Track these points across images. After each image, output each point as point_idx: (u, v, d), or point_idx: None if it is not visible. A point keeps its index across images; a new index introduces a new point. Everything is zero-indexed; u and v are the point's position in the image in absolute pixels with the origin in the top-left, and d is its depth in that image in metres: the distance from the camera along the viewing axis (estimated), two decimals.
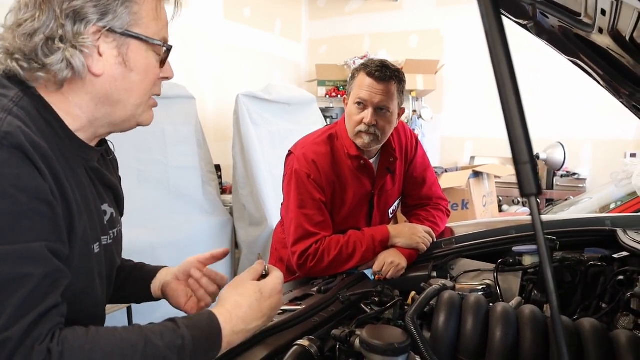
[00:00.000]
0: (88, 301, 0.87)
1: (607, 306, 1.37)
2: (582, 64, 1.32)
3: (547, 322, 1.10)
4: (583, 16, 0.96)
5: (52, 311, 0.70)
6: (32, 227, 0.70)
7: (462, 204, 3.69)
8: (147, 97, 0.91)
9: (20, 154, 0.70)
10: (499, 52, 0.48)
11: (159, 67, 0.91)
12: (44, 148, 0.73)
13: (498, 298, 1.54)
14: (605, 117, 4.87)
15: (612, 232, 1.66)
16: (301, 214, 1.69)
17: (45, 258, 0.71)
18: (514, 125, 0.47)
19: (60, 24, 0.78)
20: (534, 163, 0.47)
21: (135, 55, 0.86)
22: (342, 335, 1.08)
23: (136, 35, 0.84)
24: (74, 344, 0.70)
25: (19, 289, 0.67)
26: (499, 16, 0.49)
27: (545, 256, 0.44)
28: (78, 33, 0.79)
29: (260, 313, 0.91)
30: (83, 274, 0.83)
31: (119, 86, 0.86)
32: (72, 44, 0.79)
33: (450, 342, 1.09)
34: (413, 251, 1.74)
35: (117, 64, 0.84)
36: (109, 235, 0.94)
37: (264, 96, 3.88)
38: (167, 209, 3.28)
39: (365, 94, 1.68)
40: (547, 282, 0.44)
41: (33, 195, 0.70)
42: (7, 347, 0.64)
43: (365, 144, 1.72)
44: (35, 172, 0.71)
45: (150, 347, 0.74)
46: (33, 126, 0.75)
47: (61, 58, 0.78)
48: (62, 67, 0.79)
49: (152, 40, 0.87)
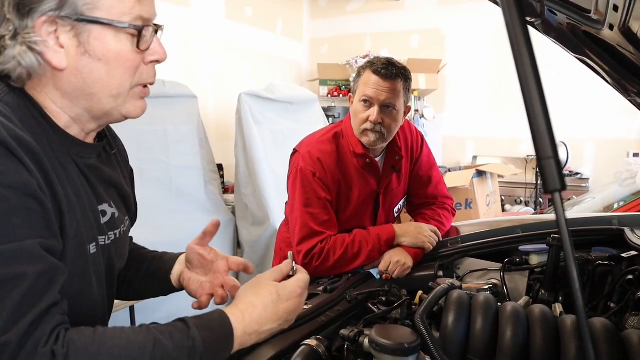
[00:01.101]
0: (86, 303, 0.83)
1: (615, 306, 1.35)
2: (590, 62, 1.30)
3: (557, 322, 1.09)
4: (593, 13, 0.95)
5: (51, 310, 0.68)
6: (23, 224, 0.67)
7: (465, 203, 3.68)
8: (126, 87, 0.82)
9: (4, 149, 0.67)
10: (521, 44, 0.47)
11: (139, 51, 0.81)
12: (30, 143, 0.70)
13: (505, 297, 1.53)
14: (608, 116, 4.86)
15: (619, 231, 1.65)
16: (306, 213, 1.68)
17: (39, 256, 0.68)
18: (536, 120, 0.45)
19: (6, 19, 0.73)
20: (557, 158, 0.46)
21: (99, 43, 0.77)
22: (351, 335, 1.07)
23: (94, 20, 0.75)
24: (79, 345, 0.67)
25: (14, 290, 0.64)
26: (520, 6, 0.48)
27: (571, 254, 0.43)
28: (25, 28, 0.73)
29: (275, 316, 0.86)
30: (78, 275, 0.79)
31: (87, 78, 0.78)
32: (19, 41, 0.73)
33: (460, 342, 1.08)
34: (419, 250, 1.73)
35: (80, 54, 0.76)
36: (107, 236, 0.89)
37: (266, 95, 3.87)
38: (169, 209, 3.26)
39: (371, 92, 1.67)
40: (572, 280, 0.43)
41: (21, 191, 0.67)
42: (7, 351, 0.62)
43: (371, 142, 1.71)
44: (21, 167, 0.68)
45: (159, 349, 0.71)
46: (18, 122, 0.72)
47: (11, 56, 0.73)
48: (15, 66, 0.74)
49: (116, 22, 0.77)
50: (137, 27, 0.79)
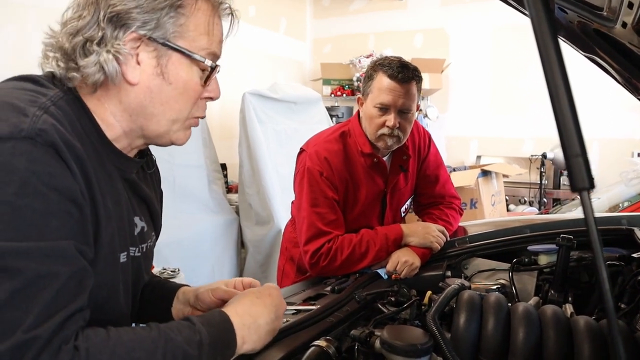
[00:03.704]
0: (111, 312, 0.85)
1: (626, 307, 1.34)
2: (599, 60, 1.29)
3: (569, 323, 1.08)
4: (605, 10, 0.94)
5: (77, 315, 0.70)
6: (60, 226, 0.68)
7: (470, 203, 3.67)
8: (184, 114, 0.87)
9: (53, 152, 0.69)
10: (548, 39, 0.46)
11: (202, 85, 0.87)
12: (78, 148, 0.72)
13: (513, 298, 1.52)
14: (613, 116, 4.84)
15: (629, 231, 1.64)
16: (313, 213, 1.67)
17: (73, 256, 0.70)
18: (564, 117, 0.44)
19: (101, 27, 0.77)
20: (586, 156, 0.44)
21: (175, 69, 0.82)
22: (362, 335, 1.06)
23: (178, 48, 0.81)
24: (96, 340, 0.69)
25: (46, 287, 0.66)
26: (546, 1, 0.47)
27: (600, 255, 0.42)
28: (115, 38, 0.77)
29: (265, 308, 0.91)
30: (107, 283, 0.82)
31: (155, 98, 0.83)
32: (107, 48, 0.77)
33: (472, 343, 1.07)
34: (427, 250, 1.72)
35: (155, 74, 0.81)
36: (137, 248, 0.92)
37: (270, 94, 3.86)
38: (173, 208, 3.25)
39: (388, 99, 1.64)
40: (602, 282, 0.41)
41: (64, 194, 0.69)
42: (35, 346, 0.63)
43: (388, 146, 1.71)
44: (67, 171, 0.70)
45: (170, 343, 0.75)
46: (69, 126, 0.74)
47: (95, 61, 0.77)
48: (95, 71, 0.77)
49: (194, 54, 0.83)
50: (212, 65, 0.86)
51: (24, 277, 0.64)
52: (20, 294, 0.64)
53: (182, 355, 0.75)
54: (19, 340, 0.62)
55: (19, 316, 0.63)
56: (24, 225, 0.65)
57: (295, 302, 1.41)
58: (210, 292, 1.03)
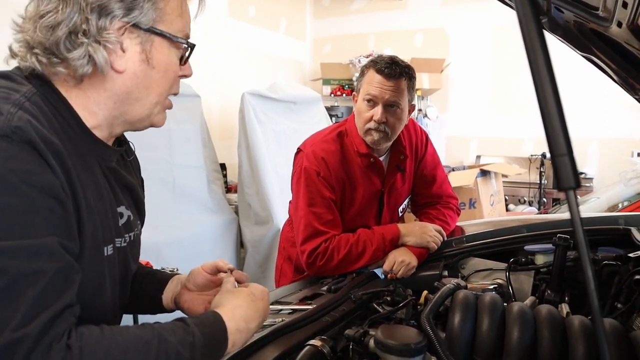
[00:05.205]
0: (97, 307, 0.85)
1: (622, 306, 1.34)
2: (596, 60, 1.29)
3: (564, 323, 1.08)
4: (600, 10, 0.94)
5: (66, 311, 0.69)
6: (43, 223, 0.68)
7: (469, 202, 3.67)
8: (165, 95, 0.89)
9: (31, 149, 0.68)
10: (535, 40, 0.46)
11: (180, 65, 0.89)
12: (56, 144, 0.72)
13: (510, 298, 1.52)
14: (612, 115, 4.83)
15: (626, 230, 1.64)
16: (310, 212, 1.67)
17: (57, 253, 0.69)
18: (550, 117, 0.44)
19: (85, 18, 0.76)
20: (572, 155, 0.45)
21: (157, 53, 0.83)
22: (356, 335, 1.06)
23: (160, 32, 0.82)
24: (90, 340, 0.69)
25: (32, 285, 0.65)
26: (534, 3, 0.47)
27: (586, 253, 0.42)
28: (102, 28, 0.77)
29: (257, 313, 0.92)
30: (92, 277, 0.81)
31: (140, 84, 0.83)
32: (95, 39, 0.76)
33: (466, 343, 1.07)
34: (423, 250, 1.72)
35: (140, 60, 0.82)
36: (123, 238, 0.92)
37: (269, 94, 3.86)
38: (172, 208, 3.26)
39: (375, 91, 1.66)
40: (587, 281, 0.42)
41: (44, 191, 0.68)
42: (25, 344, 0.63)
43: (375, 141, 1.70)
44: (46, 167, 0.69)
45: (164, 343, 0.75)
46: (45, 122, 0.73)
47: (83, 53, 0.76)
48: (84, 63, 0.77)
49: (176, 37, 0.84)
50: (191, 44, 0.88)
51: (8, 276, 0.64)
52: (6, 292, 0.64)
53: (175, 356, 0.75)
54: (8, 339, 0.62)
55: (7, 315, 0.63)
56: (6, 224, 0.65)
57: (292, 302, 1.41)
58: (200, 267, 1.05)
